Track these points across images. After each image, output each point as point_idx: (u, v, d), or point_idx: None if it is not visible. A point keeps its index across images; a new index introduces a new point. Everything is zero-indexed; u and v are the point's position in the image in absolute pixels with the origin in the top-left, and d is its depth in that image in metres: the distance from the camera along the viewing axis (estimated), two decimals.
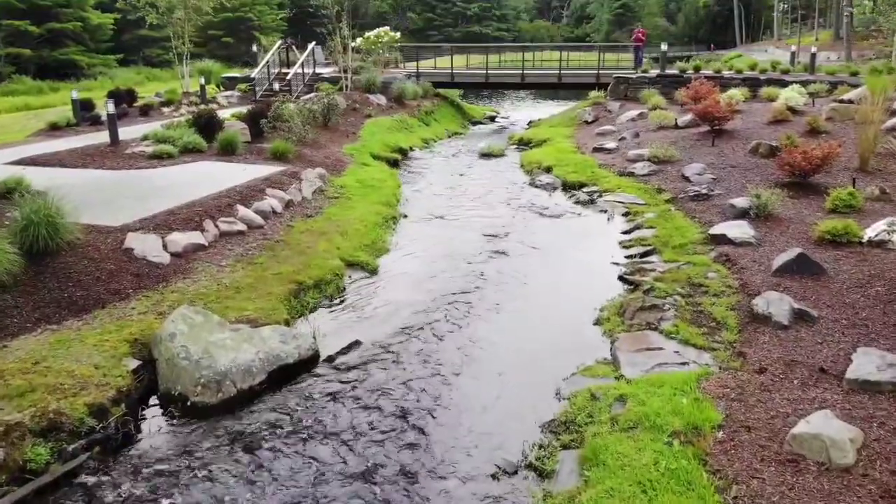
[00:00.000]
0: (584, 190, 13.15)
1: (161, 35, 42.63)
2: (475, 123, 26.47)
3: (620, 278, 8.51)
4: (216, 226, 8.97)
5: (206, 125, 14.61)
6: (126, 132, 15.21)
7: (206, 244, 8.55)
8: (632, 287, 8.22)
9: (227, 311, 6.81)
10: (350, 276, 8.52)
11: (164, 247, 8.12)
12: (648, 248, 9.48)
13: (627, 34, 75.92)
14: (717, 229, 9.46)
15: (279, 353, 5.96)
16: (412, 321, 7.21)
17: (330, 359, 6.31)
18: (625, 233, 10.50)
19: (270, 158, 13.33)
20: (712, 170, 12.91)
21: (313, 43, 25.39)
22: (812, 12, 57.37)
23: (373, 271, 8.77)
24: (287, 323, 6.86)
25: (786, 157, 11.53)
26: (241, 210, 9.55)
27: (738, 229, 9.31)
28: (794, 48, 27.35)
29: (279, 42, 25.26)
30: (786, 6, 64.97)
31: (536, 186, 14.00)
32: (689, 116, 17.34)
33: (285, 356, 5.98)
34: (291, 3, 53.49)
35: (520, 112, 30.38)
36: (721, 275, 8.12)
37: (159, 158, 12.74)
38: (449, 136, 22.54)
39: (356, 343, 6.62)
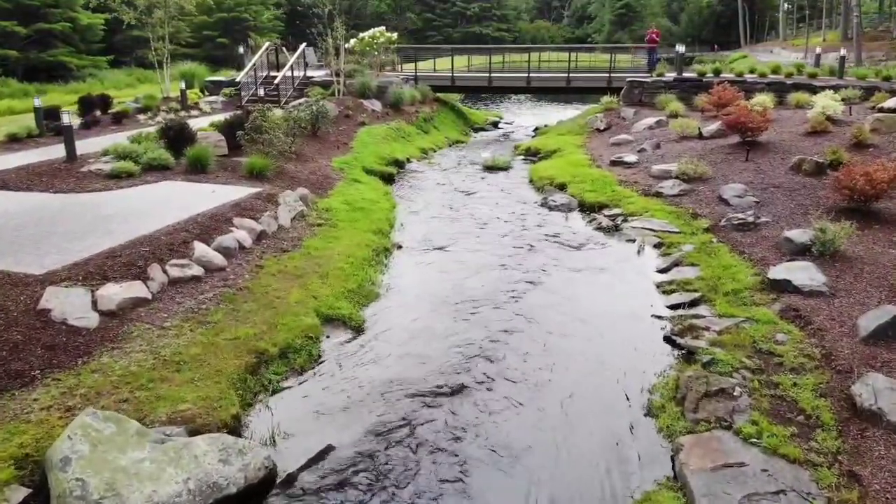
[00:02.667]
0: (606, 213, 11.47)
1: (159, 34, 40.97)
2: (477, 130, 24.78)
3: (668, 340, 6.83)
4: (164, 271, 7.28)
5: (176, 137, 12.91)
6: (90, 144, 13.55)
7: (150, 297, 6.86)
8: (683, 352, 6.54)
9: (157, 404, 5.12)
10: (328, 337, 6.82)
11: (94, 304, 6.44)
12: (694, 294, 7.79)
13: (630, 35, 74.88)
14: (777, 272, 7.78)
15: (218, 480, 4.28)
16: (405, 412, 5.51)
17: (290, 479, 4.61)
18: (661, 271, 8.82)
19: (246, 177, 11.65)
20: (753, 190, 11.23)
21: (304, 44, 23.69)
22: (818, 13, 55.77)
23: (357, 328, 7.07)
24: (236, 420, 5.16)
25: (843, 179, 9.85)
26: (199, 248, 7.85)
27: (804, 274, 7.63)
28: (818, 50, 25.72)
29: (267, 43, 23.53)
30: (789, 6, 63.37)
31: (550, 208, 12.31)
32: (714, 125, 15.67)
33: (226, 483, 4.29)
34: (287, 3, 51.91)
35: (524, 117, 28.69)
36: (794, 339, 6.44)
37: (117, 178, 11.06)
38: (449, 145, 20.84)
39: (328, 450, 4.93)
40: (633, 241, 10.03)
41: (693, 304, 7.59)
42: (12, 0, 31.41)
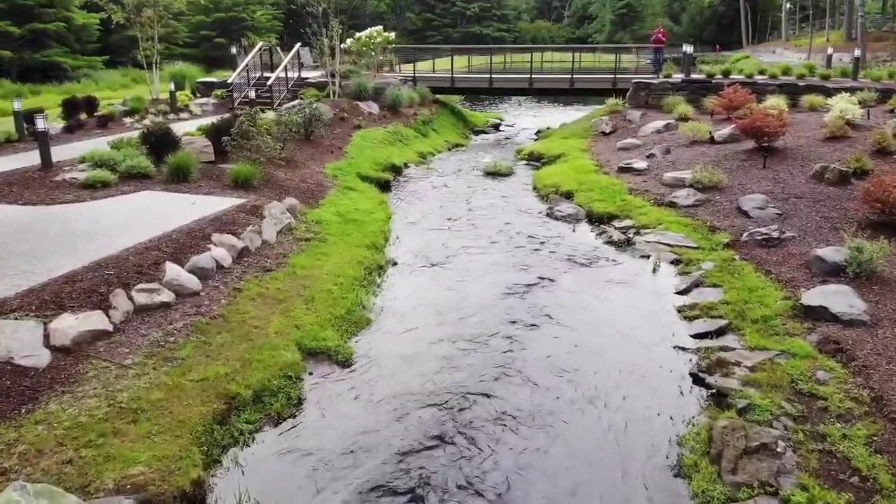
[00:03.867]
0: (617, 225, 10.70)
1: (150, 35, 40.36)
2: (477, 133, 24.01)
3: (695, 378, 6.07)
4: (130, 298, 6.52)
5: (159, 143, 12.14)
6: (71, 150, 12.80)
7: (111, 329, 6.10)
8: (713, 392, 5.79)
9: (105, 466, 4.36)
10: (311, 374, 6.06)
11: (46, 339, 5.68)
12: (720, 321, 7.03)
13: (631, 35, 74.13)
14: (811, 297, 7.02)
15: None
16: (392, 472, 4.75)
17: None
18: (681, 292, 8.06)
19: (230, 186, 10.89)
20: (774, 201, 10.48)
21: (298, 44, 22.93)
22: (820, 13, 55.06)
23: (344, 363, 6.30)
24: (198, 487, 4.40)
25: (874, 191, 9.11)
26: (171, 271, 7.09)
27: (842, 299, 6.87)
28: (830, 50, 24.91)
29: (260, 44, 22.77)
30: (791, 6, 62.66)
31: (556, 218, 11.55)
32: (727, 130, 14.92)
33: None
34: (286, 2, 51.21)
35: (525, 119, 27.92)
36: (837, 377, 5.70)
37: (92, 188, 10.30)
38: (449, 149, 20.08)
39: None
40: (648, 257, 9.28)
41: (719, 332, 6.83)
42: (6, 0, 30.81)
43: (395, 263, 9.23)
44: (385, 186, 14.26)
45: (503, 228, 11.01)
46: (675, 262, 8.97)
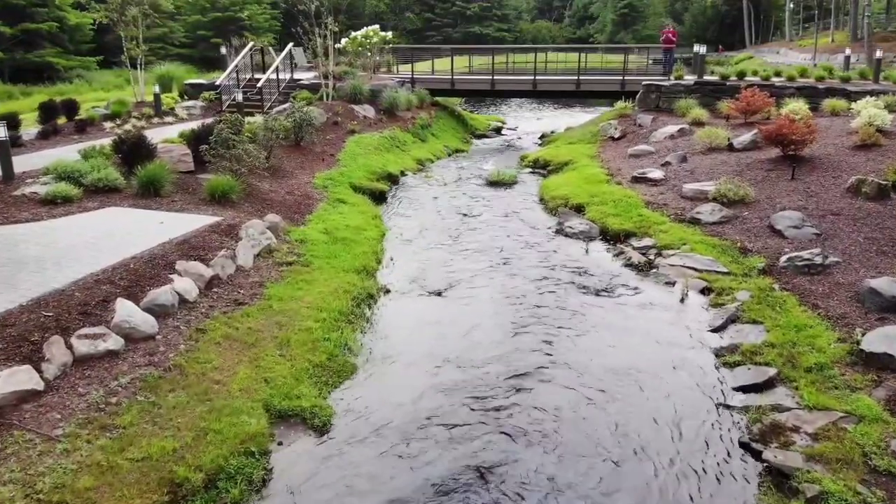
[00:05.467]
0: (635, 244, 9.66)
1: (146, 35, 39.37)
2: (479, 137, 22.95)
3: (746, 448, 5.02)
4: (69, 346, 5.48)
5: (131, 152, 11.10)
6: (39, 159, 11.75)
7: (43, 387, 5.06)
8: (767, 470, 4.74)
9: None
10: (280, 444, 5.01)
11: None
12: (767, 369, 5.99)
13: (633, 35, 73.08)
14: (871, 342, 5.99)
15: None
16: None
17: None
18: (716, 330, 7.02)
19: (206, 201, 9.86)
20: (810, 219, 9.44)
21: (290, 44, 21.90)
22: (825, 13, 53.99)
23: (321, 427, 5.23)
24: None
25: None
26: (123, 310, 6.05)
27: None
28: (847, 51, 23.93)
29: (251, 43, 21.72)
30: (794, 6, 61.65)
31: (566, 235, 10.50)
32: (747, 136, 13.89)
33: None
34: (283, 2, 50.22)
35: (527, 122, 26.89)
36: None
37: (52, 204, 9.26)
38: (449, 155, 19.04)
39: None
40: (673, 283, 8.23)
41: (768, 384, 5.79)
42: None
43: (387, 291, 8.19)
44: (380, 198, 13.23)
45: (509, 248, 9.96)
46: (706, 291, 7.94)
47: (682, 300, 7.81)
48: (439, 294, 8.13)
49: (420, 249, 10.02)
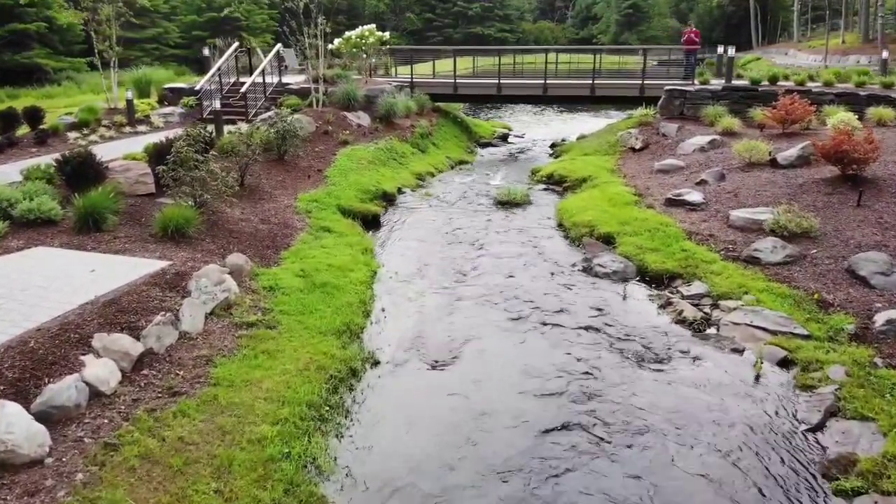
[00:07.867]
0: (684, 291, 7.84)
1: (139, 36, 37.95)
2: (484, 145, 21.14)
3: None
4: None
5: (76, 174, 9.38)
6: None
7: None
8: None
9: None
10: None
11: None
12: None
13: (637, 36, 71.25)
14: None
15: None
16: None
17: None
18: (812, 429, 5.22)
19: (157, 237, 8.07)
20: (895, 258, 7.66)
21: (279, 45, 20.13)
22: (834, 13, 52.24)
23: None
24: None
25: None
26: (1, 418, 4.27)
27: None
28: (885, 53, 22.00)
29: (235, 44, 19.94)
30: (801, 6, 59.95)
31: (596, 275, 8.70)
32: (794, 150, 12.10)
33: None
34: (281, 1, 48.72)
35: (535, 128, 25.05)
36: None
37: None
38: (452, 167, 17.25)
39: None
40: (741, 351, 6.43)
41: None
42: None
43: (376, 363, 6.39)
44: (373, 222, 11.45)
45: (527, 292, 8.16)
46: (785, 364, 6.14)
47: (756, 378, 6.01)
48: (442, 366, 6.33)
49: (418, 294, 8.22)
